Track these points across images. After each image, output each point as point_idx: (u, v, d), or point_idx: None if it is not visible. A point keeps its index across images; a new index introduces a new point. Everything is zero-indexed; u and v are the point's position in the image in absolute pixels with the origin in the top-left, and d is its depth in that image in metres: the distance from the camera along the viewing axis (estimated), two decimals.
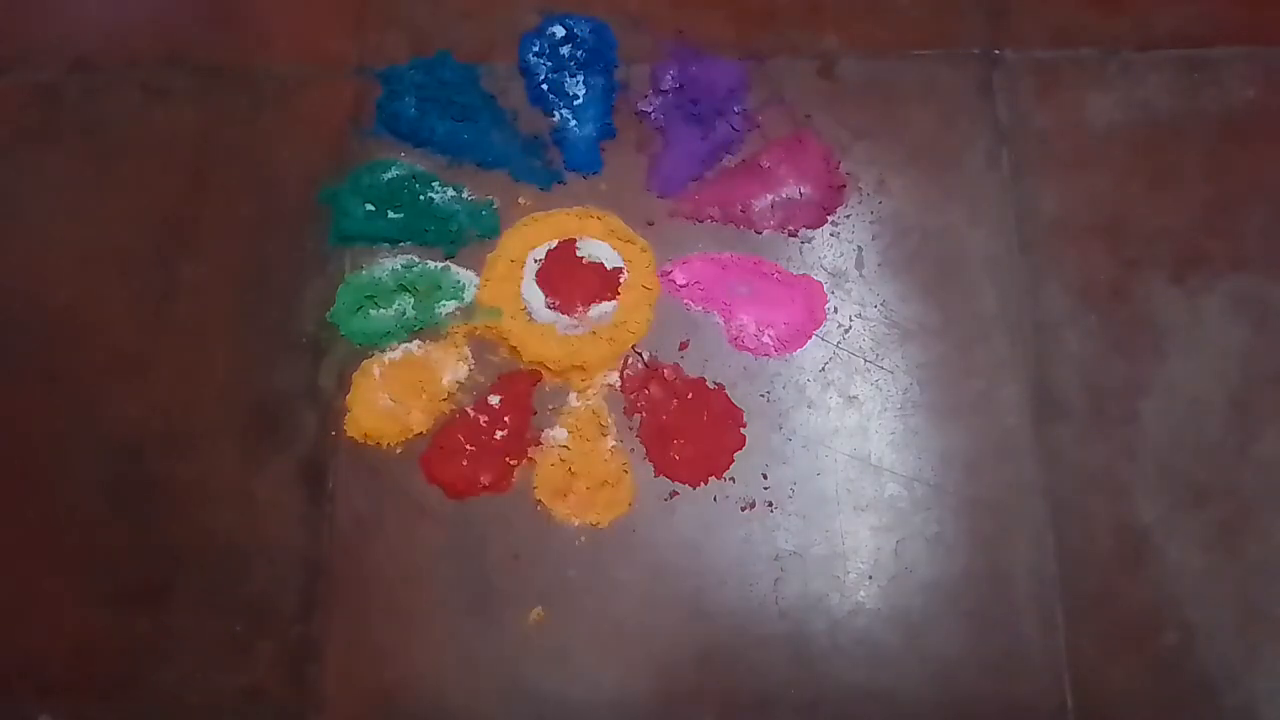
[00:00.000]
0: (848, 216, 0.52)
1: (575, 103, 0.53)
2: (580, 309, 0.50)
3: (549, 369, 0.49)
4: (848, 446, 0.48)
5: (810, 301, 0.50)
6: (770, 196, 0.52)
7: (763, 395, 0.49)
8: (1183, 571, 0.46)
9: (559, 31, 0.54)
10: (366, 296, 0.50)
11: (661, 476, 0.48)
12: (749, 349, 0.50)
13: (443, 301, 0.50)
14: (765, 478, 0.48)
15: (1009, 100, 0.53)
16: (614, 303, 0.50)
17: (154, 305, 0.51)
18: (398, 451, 0.48)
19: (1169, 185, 0.52)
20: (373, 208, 0.52)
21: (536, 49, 0.54)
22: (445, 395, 0.49)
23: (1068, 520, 0.47)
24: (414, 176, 0.52)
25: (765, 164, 0.52)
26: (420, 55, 0.54)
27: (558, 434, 0.48)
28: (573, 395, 0.49)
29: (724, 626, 0.46)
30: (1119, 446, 0.48)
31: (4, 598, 0.47)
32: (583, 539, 0.47)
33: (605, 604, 0.46)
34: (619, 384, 0.49)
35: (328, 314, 0.50)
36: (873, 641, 0.46)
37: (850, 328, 0.50)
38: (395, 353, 0.50)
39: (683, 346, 0.50)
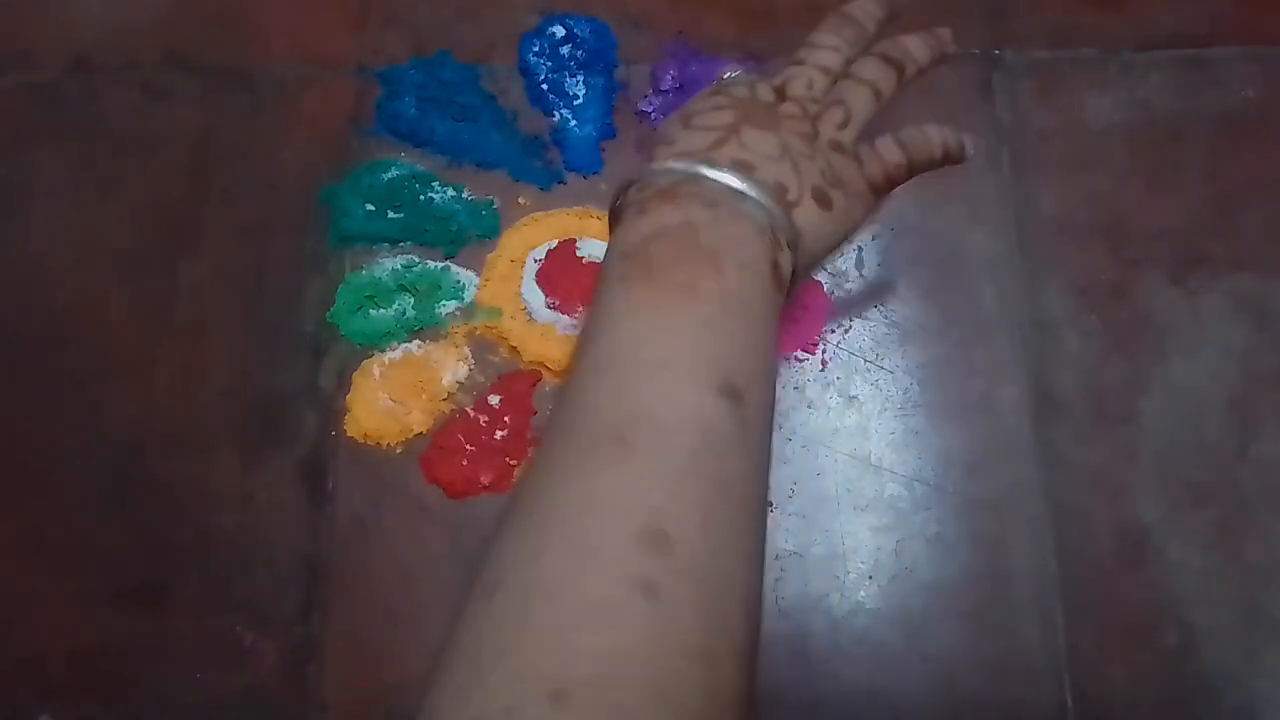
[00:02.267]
0: None
1: (575, 103, 0.53)
2: (580, 309, 0.50)
3: (549, 369, 0.49)
4: (848, 446, 0.48)
5: (810, 301, 0.50)
6: None
7: None
8: (1183, 571, 0.46)
9: (559, 31, 0.54)
10: (366, 296, 0.50)
11: None
12: None
13: (443, 301, 0.50)
14: None
15: (1009, 100, 0.53)
16: None
17: (154, 305, 0.51)
18: (398, 451, 0.48)
19: (1169, 185, 0.52)
20: (373, 208, 0.52)
21: (536, 49, 0.54)
22: (445, 395, 0.49)
23: (1068, 520, 0.47)
24: (414, 176, 0.52)
25: None
26: (420, 55, 0.54)
27: None
28: None
29: None
30: (1119, 446, 0.48)
31: (4, 598, 0.47)
32: None
33: None
34: None
35: (328, 314, 0.50)
36: (873, 641, 0.46)
37: (850, 328, 0.50)
38: (395, 353, 0.50)
39: None
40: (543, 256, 0.51)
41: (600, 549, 0.26)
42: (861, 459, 0.48)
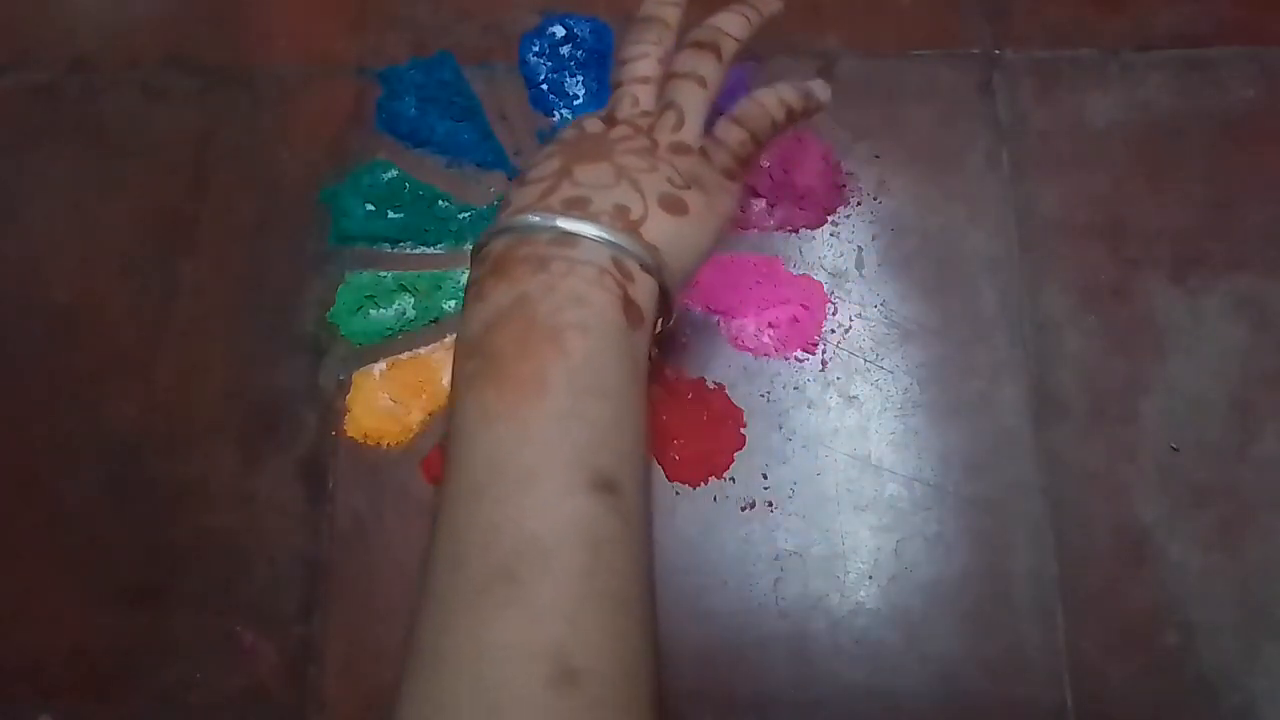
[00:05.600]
0: (848, 216, 0.52)
1: (575, 103, 0.53)
2: None
3: None
4: (848, 446, 0.48)
5: (810, 301, 0.50)
6: (770, 196, 0.52)
7: (763, 395, 0.49)
8: (1183, 571, 0.46)
9: (559, 31, 0.54)
10: (366, 296, 0.50)
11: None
12: (749, 349, 0.50)
13: (443, 301, 0.50)
14: (765, 478, 0.48)
15: (1009, 100, 0.53)
16: None
17: (154, 305, 0.51)
18: (398, 451, 0.48)
19: (1169, 185, 0.52)
20: (373, 208, 0.52)
21: (536, 49, 0.54)
22: (446, 395, 0.49)
23: (1068, 520, 0.47)
24: (414, 177, 0.52)
25: (764, 163, 0.52)
26: (420, 55, 0.54)
27: None
28: None
29: (724, 626, 0.46)
30: (1119, 446, 0.48)
31: (4, 598, 0.47)
32: None
33: None
34: None
35: (328, 314, 0.50)
36: (873, 641, 0.46)
37: (850, 328, 0.50)
38: (396, 353, 0.50)
39: (683, 346, 0.50)
40: None
41: (511, 704, 0.26)
42: (861, 459, 0.48)
